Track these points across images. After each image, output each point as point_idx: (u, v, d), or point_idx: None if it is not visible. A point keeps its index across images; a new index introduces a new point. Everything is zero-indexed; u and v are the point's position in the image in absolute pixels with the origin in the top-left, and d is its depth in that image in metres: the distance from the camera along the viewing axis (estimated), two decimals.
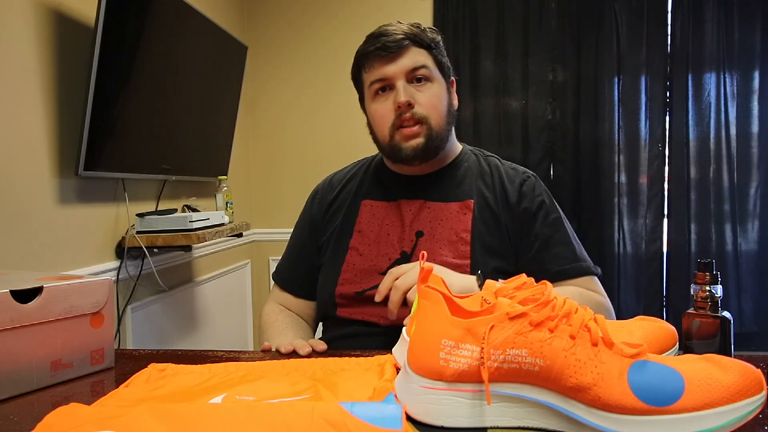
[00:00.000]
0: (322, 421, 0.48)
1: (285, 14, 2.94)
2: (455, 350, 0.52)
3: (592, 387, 0.49)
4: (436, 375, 0.53)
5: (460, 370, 0.52)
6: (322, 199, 1.14)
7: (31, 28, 1.46)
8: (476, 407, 0.52)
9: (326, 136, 2.91)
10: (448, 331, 0.53)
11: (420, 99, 0.98)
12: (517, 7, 2.83)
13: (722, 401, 0.46)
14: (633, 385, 0.48)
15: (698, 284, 0.63)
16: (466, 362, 0.52)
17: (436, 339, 0.53)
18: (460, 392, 0.53)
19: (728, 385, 0.47)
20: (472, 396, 0.52)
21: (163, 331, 2.07)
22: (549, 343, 0.50)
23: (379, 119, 1.01)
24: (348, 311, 1.00)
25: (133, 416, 0.49)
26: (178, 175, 2.04)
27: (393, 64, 0.97)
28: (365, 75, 1.03)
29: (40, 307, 0.68)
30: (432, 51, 1.01)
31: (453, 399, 0.53)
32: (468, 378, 0.52)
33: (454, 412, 0.53)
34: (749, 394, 0.47)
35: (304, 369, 0.70)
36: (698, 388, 0.47)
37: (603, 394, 0.48)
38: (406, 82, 0.98)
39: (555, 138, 2.84)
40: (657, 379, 0.48)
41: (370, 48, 0.99)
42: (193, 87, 2.11)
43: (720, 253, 2.77)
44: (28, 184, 1.45)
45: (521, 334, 0.51)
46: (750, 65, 2.75)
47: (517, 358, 0.50)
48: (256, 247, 3.02)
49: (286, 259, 1.17)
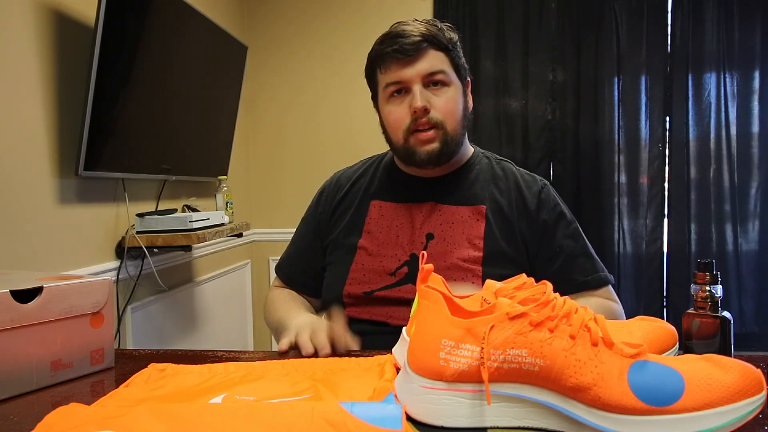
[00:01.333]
0: (322, 421, 0.48)
1: (285, 14, 2.94)
2: (455, 350, 0.52)
3: (592, 387, 0.49)
4: (436, 375, 0.53)
5: (460, 370, 0.52)
6: (329, 198, 1.13)
7: (31, 28, 1.46)
8: (476, 407, 0.52)
9: (326, 136, 2.91)
10: (448, 331, 0.53)
11: (436, 103, 0.97)
12: (517, 7, 2.82)
13: (722, 401, 0.46)
14: (633, 385, 0.48)
15: (698, 284, 0.63)
16: (466, 362, 0.52)
17: (436, 339, 0.53)
18: (460, 392, 0.53)
19: (728, 385, 0.47)
20: (472, 396, 0.52)
21: (163, 331, 2.06)
22: (549, 343, 0.50)
23: (393, 122, 1.00)
24: (356, 311, 1.00)
25: (133, 416, 0.49)
26: (178, 175, 2.04)
27: (410, 68, 0.96)
28: (380, 76, 1.01)
29: (40, 307, 0.68)
30: (450, 53, 1.00)
31: (453, 399, 0.53)
32: (468, 378, 0.52)
33: (454, 412, 0.52)
34: (749, 394, 0.47)
35: (304, 369, 0.70)
36: (698, 388, 0.47)
37: (603, 394, 0.48)
38: (422, 86, 0.96)
39: (555, 138, 2.84)
40: (657, 379, 0.48)
41: (387, 49, 0.97)
42: (193, 87, 2.11)
43: (720, 254, 2.77)
44: (28, 184, 1.45)
45: (521, 334, 0.51)
46: (750, 65, 2.75)
47: (517, 358, 0.50)
48: (256, 247, 3.02)
49: (289, 255, 1.16)
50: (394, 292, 0.97)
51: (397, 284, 0.98)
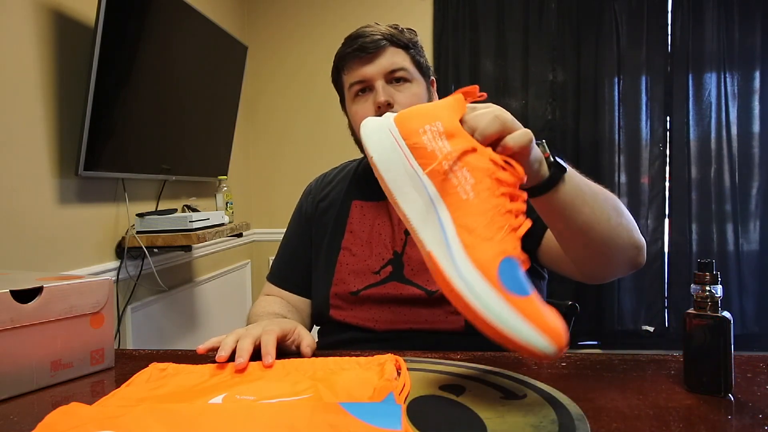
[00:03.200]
0: (322, 421, 0.48)
1: (285, 14, 2.94)
2: (437, 135, 0.58)
3: (474, 233, 0.54)
4: (411, 136, 0.58)
5: (429, 150, 0.57)
6: (314, 197, 1.14)
7: (31, 28, 1.46)
8: (409, 183, 0.57)
9: (326, 136, 2.91)
10: (446, 120, 0.58)
11: (400, 99, 0.98)
12: (517, 7, 2.83)
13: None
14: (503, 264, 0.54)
15: (698, 284, 0.62)
16: (435, 149, 0.57)
17: (433, 115, 0.59)
18: (410, 160, 0.58)
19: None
20: (414, 173, 0.58)
21: (163, 331, 2.07)
22: (492, 192, 0.56)
23: (359, 120, 1.01)
24: (342, 314, 1.00)
25: (133, 416, 0.49)
26: (178, 175, 2.05)
27: (371, 65, 0.98)
28: (345, 77, 1.03)
29: (40, 307, 0.68)
30: (410, 51, 1.01)
31: (405, 161, 0.58)
32: (425, 159, 0.57)
33: (400, 169, 0.58)
34: None
35: (305, 369, 0.70)
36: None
37: (477, 245, 0.54)
38: (385, 82, 0.98)
39: (555, 138, 2.84)
40: (523, 275, 0.54)
41: (348, 50, 0.99)
42: (193, 87, 2.11)
43: (721, 254, 2.77)
44: (28, 184, 1.45)
45: (482, 171, 0.56)
46: (750, 65, 2.75)
47: (462, 180, 0.56)
48: (255, 247, 3.02)
49: (280, 259, 1.16)
50: (380, 290, 0.98)
51: (382, 282, 0.98)
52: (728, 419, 0.56)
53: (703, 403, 0.59)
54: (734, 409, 0.58)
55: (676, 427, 0.54)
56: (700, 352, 0.62)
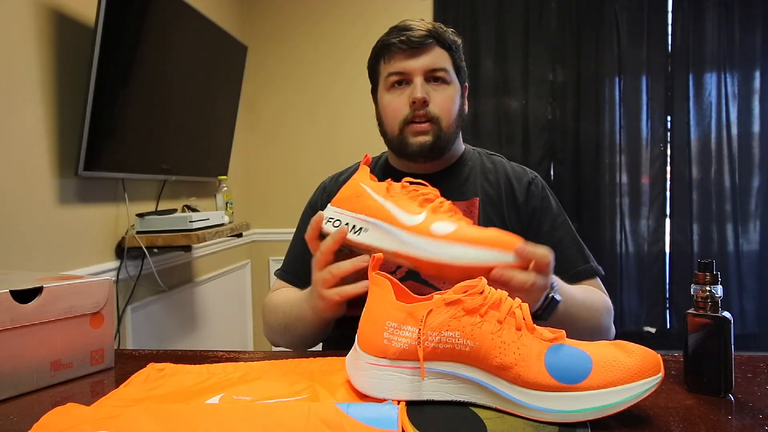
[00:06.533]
0: (318, 421, 0.48)
1: (284, 14, 2.94)
2: (398, 331, 0.59)
3: (514, 366, 0.55)
4: (381, 353, 0.59)
5: (401, 349, 0.58)
6: (329, 194, 1.13)
7: (31, 28, 1.46)
8: (415, 382, 0.58)
9: (326, 136, 2.91)
10: (392, 314, 0.60)
11: (435, 98, 0.99)
12: (517, 7, 2.82)
13: (623, 380, 0.53)
14: (548, 364, 0.55)
15: (698, 284, 0.62)
16: (407, 342, 0.58)
17: (382, 320, 0.60)
18: (401, 368, 0.59)
19: (629, 366, 0.54)
20: (412, 372, 0.58)
21: (163, 331, 2.07)
22: (479, 327, 0.56)
23: (391, 111, 1.02)
24: (357, 311, 0.99)
25: (129, 416, 0.49)
26: (178, 175, 2.05)
27: (414, 60, 0.98)
28: (383, 65, 1.03)
29: (40, 307, 0.68)
30: (452, 53, 1.02)
31: (395, 374, 0.59)
32: (408, 356, 0.58)
33: (396, 386, 0.59)
34: (647, 374, 0.54)
35: (303, 369, 0.70)
36: (603, 369, 0.54)
37: (523, 372, 0.55)
38: (423, 80, 0.98)
39: (555, 138, 2.84)
40: (569, 360, 0.55)
41: (393, 39, 0.99)
42: (193, 87, 2.11)
43: (722, 254, 2.77)
44: (28, 184, 1.45)
45: (455, 318, 0.57)
46: (751, 65, 2.75)
47: (450, 340, 0.56)
48: (255, 247, 3.02)
49: (292, 254, 1.15)
50: None
51: (400, 281, 0.98)
52: (728, 419, 0.56)
53: (703, 403, 0.59)
54: (734, 409, 0.58)
55: (676, 427, 0.54)
56: (700, 352, 0.62)
